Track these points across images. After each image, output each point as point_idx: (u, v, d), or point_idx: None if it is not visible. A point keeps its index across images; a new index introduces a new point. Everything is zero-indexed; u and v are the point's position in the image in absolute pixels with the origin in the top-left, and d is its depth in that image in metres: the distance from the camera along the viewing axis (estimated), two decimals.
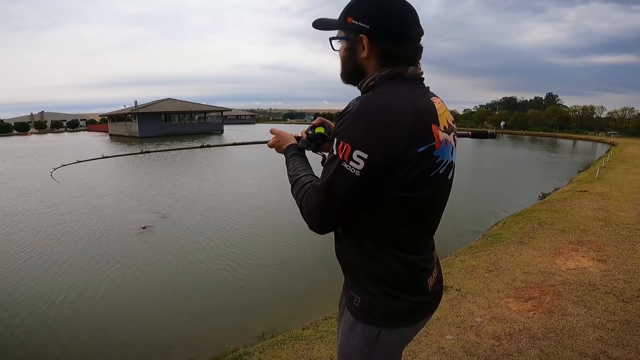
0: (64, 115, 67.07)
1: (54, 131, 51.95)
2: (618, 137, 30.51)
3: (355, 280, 1.09)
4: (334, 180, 0.94)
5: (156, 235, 6.81)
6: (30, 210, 8.74)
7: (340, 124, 0.93)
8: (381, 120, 0.90)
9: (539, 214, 6.20)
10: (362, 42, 0.99)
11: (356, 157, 0.89)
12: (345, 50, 1.05)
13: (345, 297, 1.15)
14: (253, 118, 75.89)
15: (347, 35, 1.03)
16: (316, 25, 1.11)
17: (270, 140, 1.32)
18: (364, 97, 0.95)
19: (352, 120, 0.91)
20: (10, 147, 26.80)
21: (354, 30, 1.00)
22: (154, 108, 37.03)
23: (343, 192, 0.94)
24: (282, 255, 5.85)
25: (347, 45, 1.04)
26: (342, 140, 0.91)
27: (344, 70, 1.09)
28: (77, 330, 3.96)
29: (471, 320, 2.94)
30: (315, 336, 2.94)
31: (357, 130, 0.90)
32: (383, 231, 1.00)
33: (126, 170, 14.82)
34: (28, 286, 4.89)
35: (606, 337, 2.63)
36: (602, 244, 4.53)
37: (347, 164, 0.90)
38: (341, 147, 0.91)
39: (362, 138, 0.89)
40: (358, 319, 1.08)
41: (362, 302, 1.07)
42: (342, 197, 0.95)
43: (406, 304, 1.06)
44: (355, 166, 0.90)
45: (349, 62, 1.06)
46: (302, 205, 1.04)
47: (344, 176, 0.92)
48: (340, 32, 1.05)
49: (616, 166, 12.35)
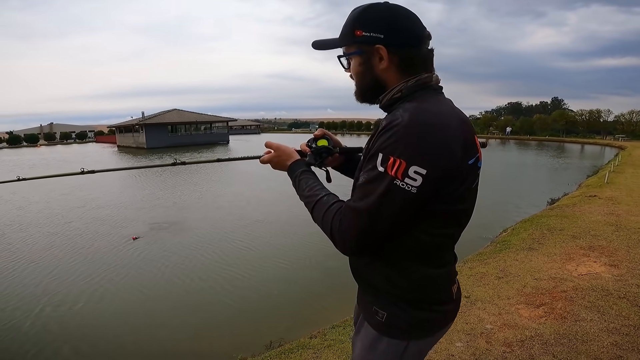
0: (72, 126, 68.15)
1: (63, 143, 52.72)
2: (626, 140, 30.25)
3: (381, 295, 1.05)
4: (385, 199, 0.86)
5: (160, 244, 6.82)
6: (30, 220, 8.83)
7: (388, 137, 0.86)
8: (438, 132, 0.86)
9: (549, 219, 6.13)
10: (379, 52, 0.95)
11: (413, 174, 0.83)
12: (360, 65, 0.99)
13: (365, 312, 1.11)
14: (258, 128, 76.45)
15: (359, 49, 0.98)
16: (317, 46, 1.07)
17: (265, 156, 1.19)
18: (412, 109, 0.88)
19: (404, 134, 0.84)
20: (16, 159, 27.17)
21: (366, 42, 0.96)
22: (161, 119, 37.43)
23: (395, 212, 0.87)
24: (288, 264, 5.82)
25: (362, 59, 0.98)
26: (393, 155, 0.84)
27: (361, 87, 1.03)
28: (83, 337, 3.96)
29: (481, 327, 2.89)
30: (323, 345, 2.91)
31: (413, 144, 0.84)
32: (420, 246, 0.97)
33: (116, 183, 14.93)
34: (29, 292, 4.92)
35: (621, 342, 2.57)
36: (614, 248, 4.46)
37: (401, 181, 0.84)
38: (392, 163, 0.84)
39: (420, 152, 0.83)
40: (383, 334, 1.04)
41: (388, 316, 1.03)
42: (392, 217, 0.88)
43: (434, 314, 1.05)
44: (411, 183, 0.84)
45: (365, 77, 1.00)
46: (333, 229, 0.94)
47: (397, 195, 0.85)
48: (348, 48, 1.01)
49: (625, 170, 12.21)
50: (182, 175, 15.57)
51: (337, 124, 64.81)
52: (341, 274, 5.06)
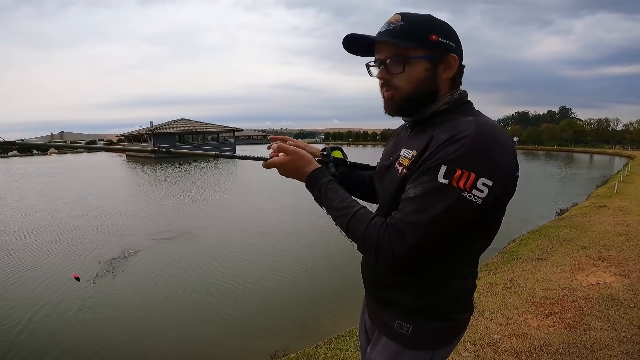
0: (82, 135, 69.24)
1: (73, 151, 53.36)
2: (635, 149, 29.95)
3: (407, 308, 1.03)
4: (449, 212, 0.84)
5: (161, 254, 6.85)
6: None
7: (456, 149, 0.84)
8: (503, 145, 0.87)
9: (558, 230, 6.06)
10: (449, 61, 0.94)
11: (481, 185, 0.83)
12: (426, 71, 0.94)
13: (382, 327, 1.09)
14: (265, 138, 76.89)
15: (429, 54, 0.93)
16: (356, 38, 0.98)
17: (274, 158, 1.08)
18: (476, 122, 0.88)
19: (474, 146, 0.84)
20: (23, 168, 27.56)
21: (440, 48, 0.93)
22: (169, 128, 37.91)
23: (457, 224, 0.86)
24: (292, 275, 5.81)
25: (429, 65, 0.93)
26: (461, 167, 0.83)
27: (414, 93, 0.95)
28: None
29: (489, 337, 2.85)
30: (328, 355, 2.89)
31: (483, 157, 0.84)
32: (462, 258, 0.98)
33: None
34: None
35: (632, 351, 2.52)
36: (624, 259, 4.39)
37: (468, 192, 0.83)
38: (459, 175, 0.83)
39: (489, 165, 0.84)
40: (407, 347, 1.04)
41: (414, 329, 1.02)
42: (453, 229, 0.87)
43: (458, 323, 1.06)
44: (478, 195, 0.83)
45: (426, 84, 0.94)
46: (380, 244, 0.88)
47: (464, 207, 0.84)
48: (413, 51, 0.93)
49: (635, 180, 12.08)
50: (185, 183, 15.68)
51: (342, 134, 65.09)
52: (346, 283, 5.05)
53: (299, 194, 12.70)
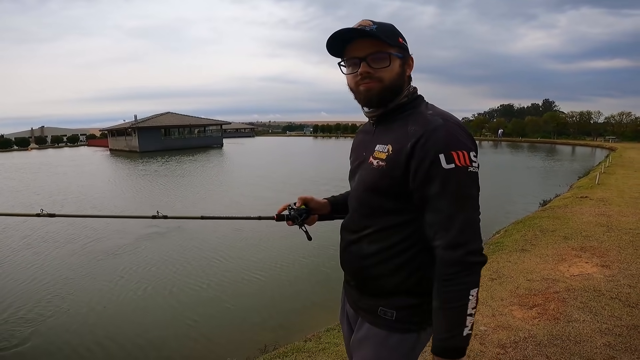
0: (64, 130, 67.50)
1: (54, 146, 52.13)
2: (616, 141, 30.65)
3: (388, 293, 1.10)
4: (468, 188, 0.98)
5: (153, 248, 6.77)
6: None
7: (437, 138, 0.98)
8: (464, 126, 1.04)
9: (541, 221, 6.17)
10: (410, 61, 1.12)
11: (473, 157, 0.99)
12: (400, 67, 1.09)
13: (368, 315, 1.15)
14: (252, 131, 76.23)
15: (400, 53, 1.08)
16: (345, 32, 1.06)
17: None
18: (436, 113, 1.04)
19: (451, 131, 1.00)
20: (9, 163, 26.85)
21: (406, 49, 1.11)
22: (154, 122, 37.20)
23: (478, 194, 1.01)
24: (282, 268, 5.80)
25: (401, 62, 1.09)
26: (454, 150, 0.97)
27: (391, 86, 1.08)
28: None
29: (475, 328, 2.90)
30: (318, 348, 2.90)
31: (463, 136, 1.00)
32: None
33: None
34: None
35: (614, 343, 2.59)
36: (605, 249, 4.50)
37: (470, 166, 0.98)
38: (457, 156, 0.97)
39: (468, 141, 1.00)
40: (393, 331, 1.10)
41: (398, 313, 1.09)
42: (478, 200, 1.01)
43: None
44: (475, 165, 0.99)
45: (399, 77, 1.09)
46: (470, 269, 0.97)
47: (474, 178, 0.99)
48: (390, 48, 1.06)
49: (616, 171, 12.36)
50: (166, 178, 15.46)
51: (331, 127, 64.91)
52: (335, 277, 5.07)
53: (280, 188, 12.71)
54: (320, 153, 30.29)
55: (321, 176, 14.74)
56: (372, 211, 1.12)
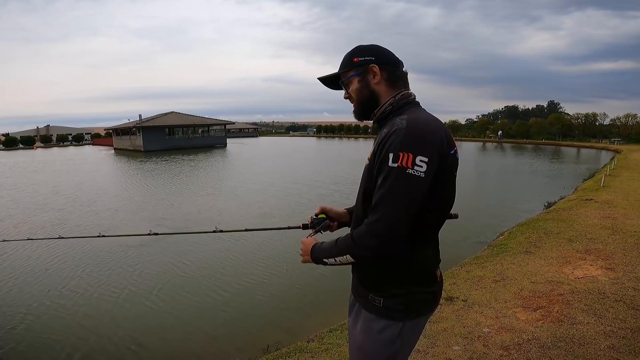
0: (69, 129, 67.88)
1: (59, 145, 52.41)
2: (622, 144, 30.42)
3: (377, 282, 1.22)
4: (400, 187, 1.06)
5: (155, 250, 6.79)
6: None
7: (393, 140, 1.08)
8: (430, 131, 1.11)
9: (545, 223, 6.15)
10: (372, 70, 1.23)
11: (419, 162, 1.05)
12: (359, 82, 1.25)
13: (360, 301, 1.29)
14: (256, 131, 76.33)
15: (356, 71, 1.24)
16: (323, 80, 1.34)
17: (302, 257, 1.36)
18: (407, 119, 1.12)
19: (406, 134, 1.08)
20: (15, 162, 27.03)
21: (362, 64, 1.23)
22: (158, 122, 37.31)
23: (410, 195, 1.06)
24: (284, 269, 5.80)
25: (359, 78, 1.25)
26: (402, 151, 1.06)
27: (360, 101, 1.26)
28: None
29: (478, 330, 2.89)
30: (321, 348, 2.90)
31: (415, 140, 1.07)
32: (420, 229, 1.15)
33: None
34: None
35: (618, 345, 2.57)
36: (610, 252, 4.48)
37: (411, 169, 1.05)
38: (401, 157, 1.05)
39: (421, 146, 1.07)
40: (381, 316, 1.21)
41: (385, 301, 1.20)
42: (410, 201, 1.06)
43: (425, 295, 1.23)
44: (419, 169, 1.06)
45: (363, 91, 1.25)
46: (361, 242, 1.11)
47: (409, 180, 1.05)
48: (348, 73, 1.26)
49: (621, 173, 12.28)
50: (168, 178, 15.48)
51: (334, 127, 64.81)
52: (337, 277, 5.06)
53: (296, 192, 12.73)
54: (338, 155, 29.94)
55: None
56: (363, 204, 1.24)
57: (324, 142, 44.14)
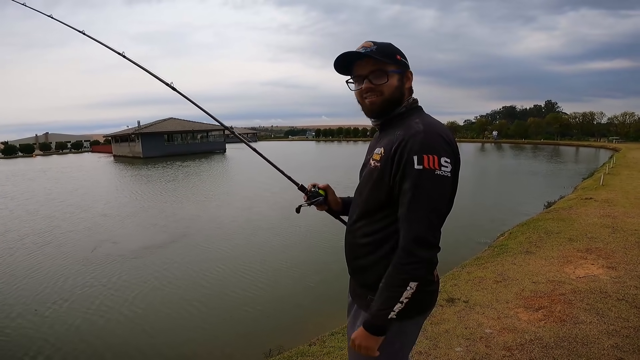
0: (68, 136, 67.86)
1: (58, 152, 52.40)
2: (620, 142, 30.48)
3: (372, 285, 1.21)
4: (432, 188, 1.09)
5: (158, 254, 6.78)
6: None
7: (414, 142, 1.11)
8: (445, 133, 1.16)
9: (545, 223, 6.14)
10: (408, 74, 1.27)
11: (444, 162, 1.10)
12: (398, 81, 1.24)
13: (360, 301, 1.30)
14: (255, 136, 76.37)
15: (399, 69, 1.24)
16: (344, 60, 1.26)
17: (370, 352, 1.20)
18: (422, 121, 1.17)
19: (426, 137, 1.12)
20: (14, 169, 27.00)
21: (404, 65, 1.26)
22: (157, 128, 37.32)
23: (442, 196, 1.11)
24: (284, 273, 5.79)
25: (399, 77, 1.25)
26: (426, 153, 1.09)
27: (390, 98, 1.24)
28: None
29: (480, 331, 2.88)
30: (322, 352, 2.89)
31: (437, 143, 1.12)
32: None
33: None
34: None
35: (621, 344, 2.56)
36: (611, 250, 4.47)
37: (438, 170, 1.09)
38: (427, 159, 1.09)
39: (443, 147, 1.12)
40: None
41: None
42: (441, 201, 1.11)
43: (423, 294, 1.21)
44: (445, 170, 1.10)
45: (397, 91, 1.24)
46: (410, 260, 1.10)
47: (439, 181, 1.10)
48: (388, 66, 1.22)
49: (620, 172, 12.29)
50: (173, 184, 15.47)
51: (333, 131, 64.88)
52: (339, 281, 5.04)
53: (288, 196, 12.68)
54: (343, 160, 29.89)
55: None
56: (367, 206, 1.26)
57: (323, 146, 44.09)
